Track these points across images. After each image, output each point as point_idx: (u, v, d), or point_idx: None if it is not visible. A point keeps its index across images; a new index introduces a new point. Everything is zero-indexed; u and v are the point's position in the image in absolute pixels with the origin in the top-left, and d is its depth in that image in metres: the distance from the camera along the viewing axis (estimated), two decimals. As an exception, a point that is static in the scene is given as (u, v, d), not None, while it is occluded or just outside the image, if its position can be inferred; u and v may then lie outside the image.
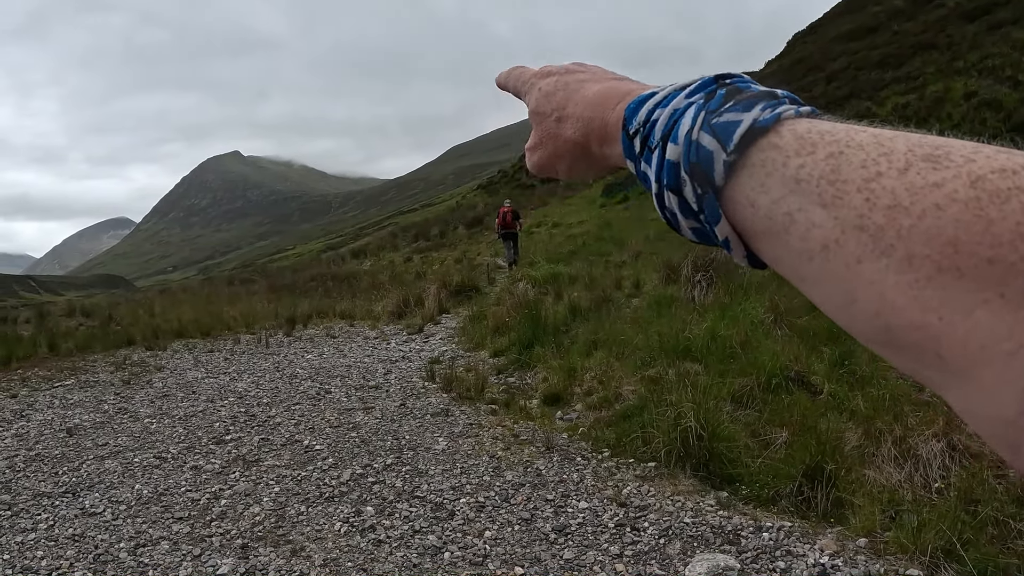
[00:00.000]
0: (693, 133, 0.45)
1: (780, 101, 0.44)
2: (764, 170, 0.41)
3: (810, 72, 39.30)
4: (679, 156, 0.46)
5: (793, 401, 5.89)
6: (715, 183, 0.44)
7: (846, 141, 0.39)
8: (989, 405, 0.33)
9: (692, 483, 4.99)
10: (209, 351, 11.84)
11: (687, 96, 0.48)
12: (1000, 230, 0.32)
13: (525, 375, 8.35)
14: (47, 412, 8.06)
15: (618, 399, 6.97)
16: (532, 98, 0.66)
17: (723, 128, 0.44)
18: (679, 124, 0.46)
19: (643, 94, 0.53)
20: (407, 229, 46.31)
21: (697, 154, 0.44)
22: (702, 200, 0.45)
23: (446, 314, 13.57)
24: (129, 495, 5.35)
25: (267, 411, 7.42)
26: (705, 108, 0.46)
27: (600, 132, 0.58)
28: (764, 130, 0.42)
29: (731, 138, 0.43)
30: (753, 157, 0.42)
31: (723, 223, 0.44)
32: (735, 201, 0.43)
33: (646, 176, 0.50)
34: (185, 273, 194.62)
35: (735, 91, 0.46)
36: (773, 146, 0.42)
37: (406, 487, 5.16)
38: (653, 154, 0.48)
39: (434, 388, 8.00)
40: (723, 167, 0.43)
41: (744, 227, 0.43)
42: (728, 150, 0.43)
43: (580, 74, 0.64)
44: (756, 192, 0.42)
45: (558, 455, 5.70)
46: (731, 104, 0.45)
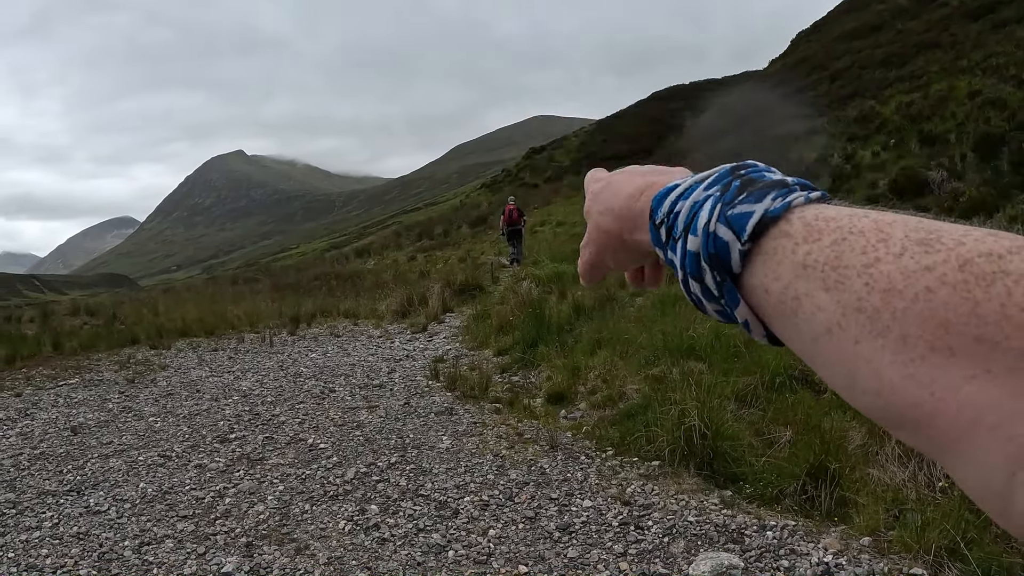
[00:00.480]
0: (710, 225, 0.47)
1: (791, 189, 0.47)
2: (775, 258, 0.44)
3: (814, 71, 39.25)
4: (699, 247, 0.48)
5: (797, 400, 5.89)
6: (733, 271, 0.46)
7: (848, 228, 0.41)
8: (978, 475, 0.35)
9: (696, 482, 4.99)
10: (213, 350, 11.86)
11: (706, 188, 0.51)
12: (985, 311, 0.34)
13: (529, 374, 8.35)
14: (51, 411, 8.08)
15: (622, 398, 6.97)
16: (586, 201, 0.69)
17: (737, 219, 0.46)
18: (698, 216, 0.49)
19: (668, 185, 0.55)
20: (411, 228, 46.33)
21: (715, 245, 0.47)
22: (721, 287, 0.47)
23: (450, 313, 13.58)
24: (133, 493, 5.36)
25: (271, 410, 7.43)
26: (721, 200, 0.48)
27: (629, 222, 0.60)
28: (775, 219, 0.45)
29: (744, 228, 0.45)
30: (766, 246, 0.45)
31: (742, 307, 0.47)
32: (751, 287, 0.46)
33: (673, 263, 0.53)
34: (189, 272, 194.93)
35: (749, 182, 0.48)
36: (784, 234, 0.44)
37: (410, 485, 5.17)
38: (677, 244, 0.51)
39: (438, 387, 8.01)
40: (739, 256, 0.46)
41: (760, 310, 0.46)
42: (742, 240, 0.45)
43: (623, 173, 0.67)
44: (769, 278, 0.44)
45: (562, 454, 5.69)
46: (744, 196, 0.47)
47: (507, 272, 18.11)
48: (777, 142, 26.13)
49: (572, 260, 15.89)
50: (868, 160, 19.32)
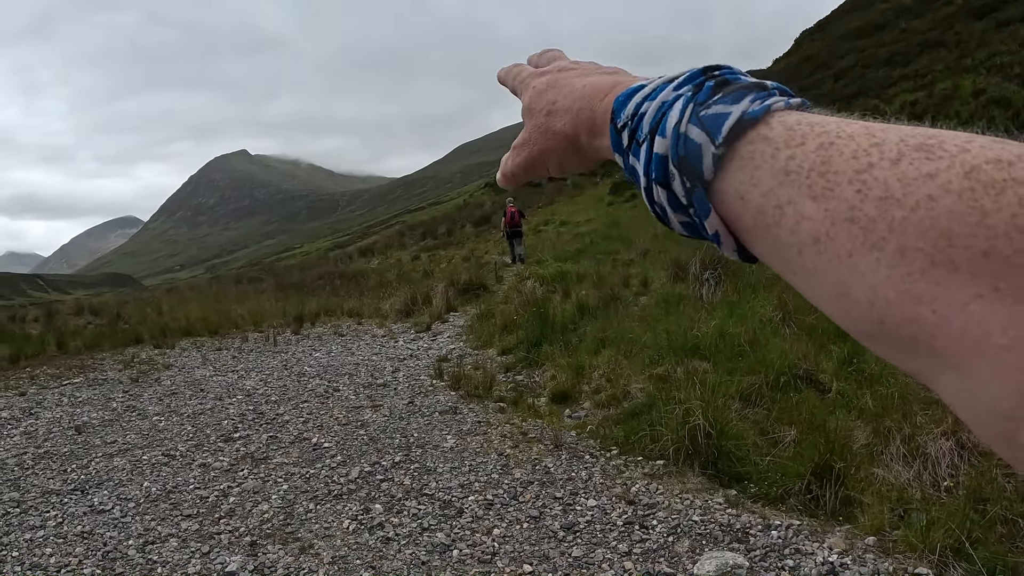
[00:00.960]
0: (681, 126, 0.44)
1: (770, 92, 0.44)
2: (753, 163, 0.41)
3: (818, 70, 39.21)
4: (667, 149, 0.45)
5: (801, 399, 5.88)
6: (704, 177, 0.43)
7: (836, 132, 0.38)
8: (983, 398, 0.32)
9: (700, 481, 4.99)
10: (217, 349, 11.87)
11: (675, 88, 0.47)
12: (995, 222, 0.32)
13: (533, 373, 8.34)
14: (56, 410, 8.09)
15: (626, 397, 6.96)
16: (524, 97, 0.65)
17: (711, 120, 0.43)
18: (667, 117, 0.46)
19: (632, 87, 0.52)
20: (415, 227, 46.35)
21: (685, 147, 0.44)
22: (691, 194, 0.44)
23: (454, 312, 13.57)
24: (138, 492, 5.36)
25: (275, 409, 7.44)
26: (693, 100, 0.45)
27: (588, 123, 0.57)
28: (753, 122, 0.42)
29: (719, 130, 0.42)
30: (742, 150, 0.41)
31: (713, 217, 0.43)
32: (724, 194, 0.42)
33: (634, 170, 0.49)
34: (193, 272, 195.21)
35: (724, 83, 0.45)
36: (762, 138, 0.41)
37: (415, 485, 5.17)
38: (641, 148, 0.48)
39: (442, 386, 8.01)
40: (712, 160, 0.42)
41: (734, 221, 0.43)
42: (716, 143, 0.42)
43: (572, 71, 0.63)
44: (745, 185, 0.41)
45: (566, 453, 5.69)
46: (719, 96, 0.44)
47: (511, 271, 18.12)
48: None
49: (576, 259, 15.93)
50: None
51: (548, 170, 0.65)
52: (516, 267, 19.11)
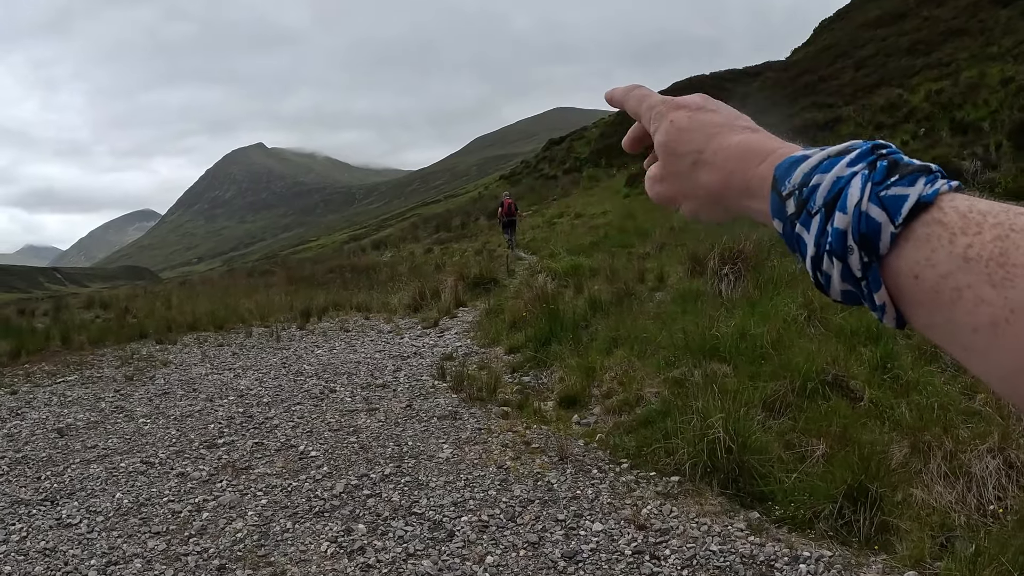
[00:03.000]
0: (862, 204, 0.46)
1: (935, 175, 0.46)
2: (929, 245, 0.44)
3: (838, 59, 38.49)
4: (848, 225, 0.47)
5: (831, 409, 5.43)
6: (880, 253, 0.46)
7: (1009, 224, 0.42)
8: None
9: (720, 502, 4.56)
10: (219, 345, 11.50)
11: (849, 164, 0.49)
12: None
13: (541, 374, 7.91)
14: (43, 410, 7.73)
15: (639, 402, 6.54)
16: (662, 130, 0.65)
17: (891, 201, 0.45)
18: (846, 193, 0.47)
19: (794, 155, 0.54)
20: (428, 220, 45.99)
21: (867, 224, 0.46)
22: (867, 269, 0.46)
23: (463, 307, 13.15)
24: (108, 505, 4.97)
25: (266, 412, 7.03)
26: (871, 179, 0.47)
27: (741, 185, 0.58)
28: (927, 205, 0.44)
29: (899, 211, 0.45)
30: (918, 231, 0.44)
31: (883, 291, 0.46)
32: (897, 271, 0.45)
33: (800, 238, 0.51)
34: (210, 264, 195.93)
35: (896, 164, 0.47)
36: (937, 222, 0.44)
37: (403, 502, 4.74)
38: (813, 219, 0.49)
39: (444, 388, 7.58)
40: (889, 238, 0.45)
41: (902, 295, 0.46)
42: (896, 223, 0.45)
43: (713, 114, 0.63)
44: (922, 265, 0.44)
45: (572, 466, 5.26)
46: (896, 179, 0.46)
47: (523, 265, 17.70)
48: (798, 131, 25.53)
49: (589, 253, 15.46)
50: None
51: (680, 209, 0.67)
52: (513, 252, 20.63)
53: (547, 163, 57.16)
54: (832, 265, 0.48)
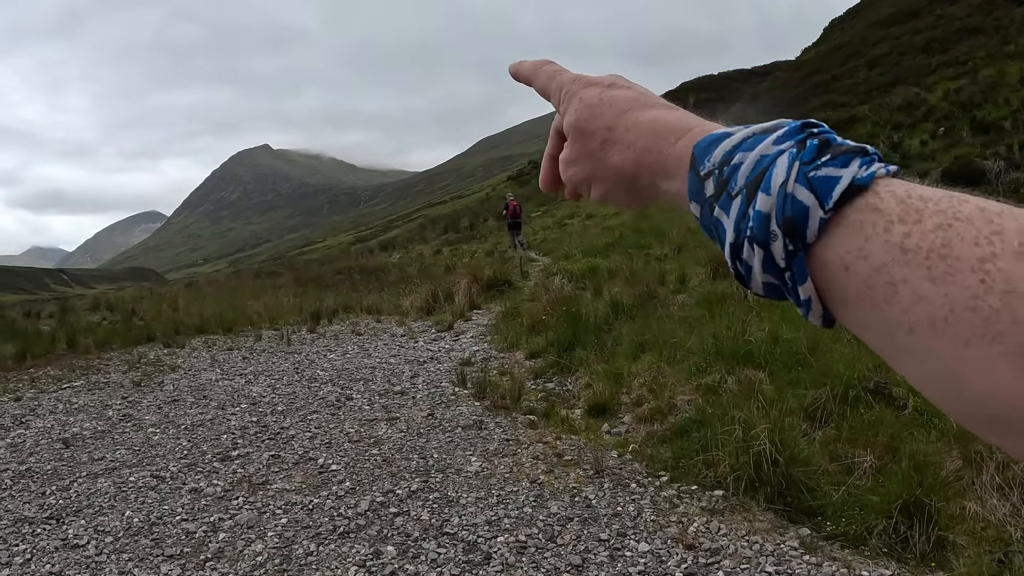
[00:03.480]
0: (788, 185, 0.42)
1: (871, 158, 0.42)
2: (863, 233, 0.40)
3: (851, 58, 38.16)
4: (771, 208, 0.42)
5: (876, 417, 5.15)
6: (806, 240, 0.41)
7: (953, 213, 0.38)
8: None
9: (769, 518, 4.26)
10: (228, 349, 11.21)
11: (776, 142, 0.45)
12: None
13: (566, 380, 7.59)
14: (48, 418, 7.44)
15: (672, 410, 6.25)
16: (572, 109, 0.60)
17: (821, 183, 0.41)
18: (771, 173, 0.43)
19: (715, 132, 0.49)
20: (436, 221, 45.68)
21: (792, 208, 0.41)
22: (792, 257, 0.42)
23: (477, 310, 12.84)
24: (117, 524, 4.66)
25: (281, 421, 6.72)
26: (799, 158, 0.43)
27: (656, 165, 0.54)
28: (862, 189, 0.40)
29: (830, 195, 0.41)
30: (850, 217, 0.40)
31: (809, 283, 0.42)
32: (825, 261, 0.41)
33: (718, 222, 0.47)
34: (216, 266, 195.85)
35: (827, 143, 0.43)
36: (872, 208, 0.40)
37: (434, 520, 4.43)
38: (733, 201, 0.45)
39: (465, 395, 7.27)
40: (818, 224, 0.41)
41: (831, 289, 0.41)
42: (826, 207, 0.40)
43: (625, 91, 0.59)
44: (853, 256, 0.40)
45: (609, 480, 4.95)
46: (827, 158, 0.42)
47: (536, 266, 17.38)
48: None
49: (606, 254, 15.14)
50: (917, 149, 18.35)
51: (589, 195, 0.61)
52: (520, 252, 20.71)
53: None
54: (753, 253, 0.43)
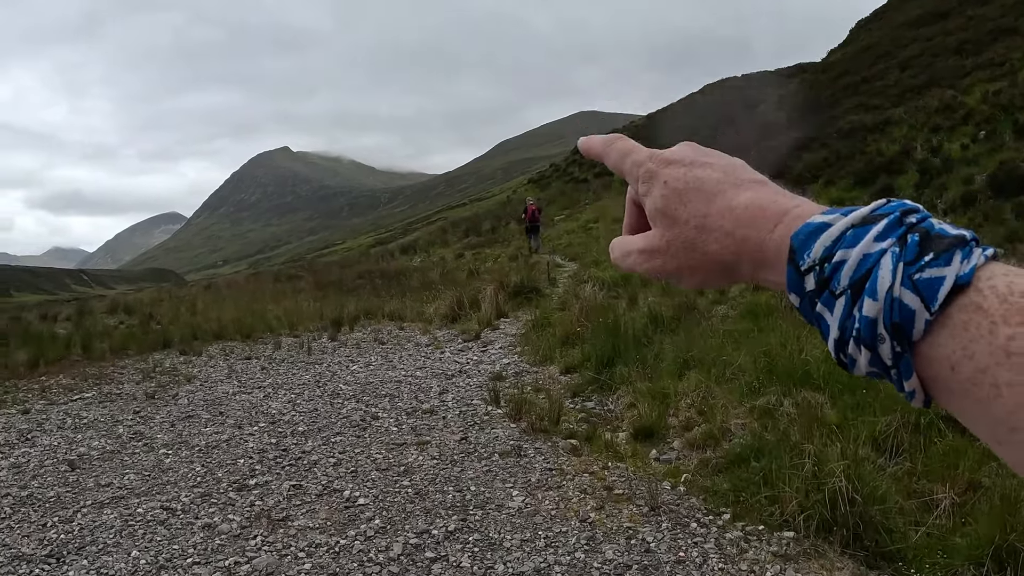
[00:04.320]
0: (895, 289, 0.42)
1: (970, 246, 0.42)
2: (967, 334, 0.40)
3: (880, 59, 37.39)
4: (879, 313, 0.42)
5: (952, 448, 4.64)
6: (912, 339, 0.41)
7: None
8: None
9: (848, 565, 3.77)
10: (246, 358, 10.75)
11: (877, 239, 0.44)
12: None
13: (606, 399, 7.08)
14: (55, 435, 6.99)
15: (725, 435, 5.73)
16: (657, 194, 0.57)
17: (926, 285, 0.41)
18: (876, 276, 0.42)
19: (813, 222, 0.47)
20: (457, 224, 45.21)
21: (900, 313, 0.41)
22: (899, 359, 0.42)
23: (504, 318, 12.33)
24: (123, 566, 4.18)
25: (302, 444, 6.21)
26: (903, 258, 0.42)
27: (755, 254, 0.51)
28: (964, 287, 0.40)
29: (935, 297, 0.41)
30: (955, 317, 0.40)
31: (914, 378, 0.42)
32: (931, 360, 0.41)
33: (820, 317, 0.46)
34: (235, 267, 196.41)
35: (928, 237, 0.43)
36: (976, 307, 0.40)
37: (476, 568, 3.91)
38: (836, 300, 0.45)
39: (499, 415, 6.75)
40: (924, 325, 0.41)
41: (935, 382, 0.42)
42: (932, 309, 0.40)
43: (708, 168, 0.56)
44: (958, 356, 0.40)
45: (667, 519, 4.43)
46: (931, 258, 0.42)
47: (564, 272, 16.87)
48: (846, 134, 24.57)
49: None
50: (958, 153, 17.68)
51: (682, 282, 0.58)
52: (535, 255, 21.44)
53: (577, 166, 56.24)
54: (860, 352, 0.43)
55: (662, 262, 0.57)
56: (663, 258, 0.57)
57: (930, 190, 16.01)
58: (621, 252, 0.62)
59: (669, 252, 0.56)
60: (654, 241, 0.58)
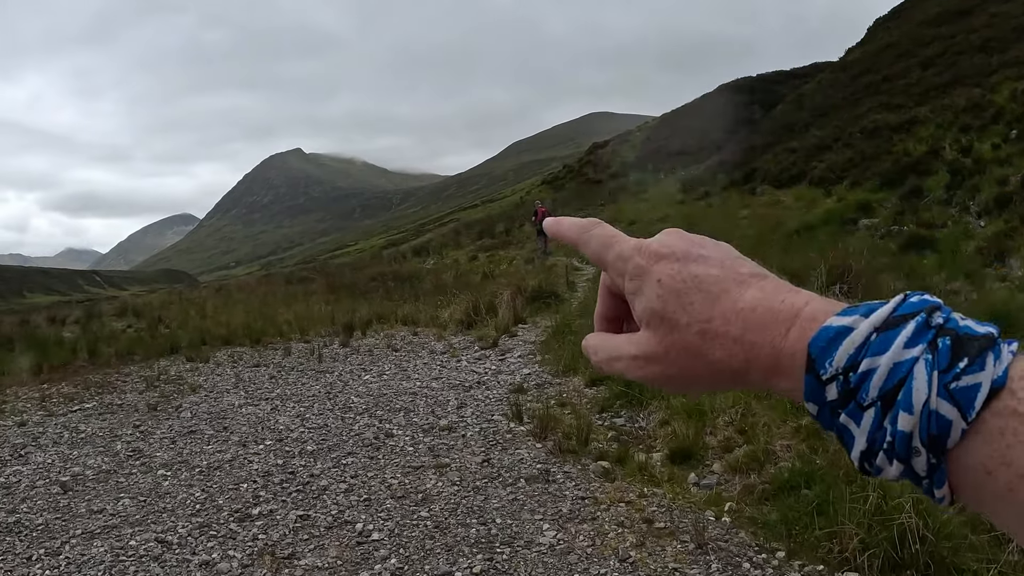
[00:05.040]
0: (932, 402, 0.39)
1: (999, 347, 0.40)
2: (1004, 440, 0.38)
3: (901, 58, 36.77)
4: (914, 427, 0.40)
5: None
6: (946, 448, 0.40)
7: None
8: None
9: (926, 614, 3.30)
10: (255, 365, 10.32)
11: (906, 346, 0.41)
12: None
13: (637, 414, 6.60)
14: (50, 450, 6.57)
15: (770, 458, 5.27)
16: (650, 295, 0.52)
17: (963, 394, 0.39)
18: (910, 387, 0.40)
19: (832, 326, 0.44)
20: (470, 226, 44.78)
21: (937, 425, 0.39)
22: (935, 470, 0.40)
23: (522, 324, 11.87)
24: (109, 611, 3.74)
25: (310, 466, 5.74)
26: (936, 367, 0.40)
27: (768, 362, 0.47)
28: (999, 390, 0.39)
29: (972, 406, 0.39)
30: (991, 423, 0.39)
31: (946, 487, 0.40)
32: (965, 466, 0.40)
33: (844, 428, 0.43)
34: (248, 268, 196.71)
35: (959, 340, 0.40)
36: (1013, 412, 0.38)
37: (507, 622, 3.45)
38: (864, 412, 0.42)
39: (523, 433, 6.28)
40: (959, 434, 0.39)
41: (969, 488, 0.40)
42: (969, 419, 0.39)
43: (704, 264, 0.51)
44: (995, 462, 0.39)
45: (716, 558, 3.97)
46: (965, 364, 0.39)
47: (582, 276, 16.41)
48: (871, 134, 24.02)
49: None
50: (989, 153, 17.11)
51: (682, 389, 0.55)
52: (548, 259, 21.12)
53: (591, 167, 55.79)
54: (890, 465, 0.41)
55: (660, 369, 0.52)
56: (661, 366, 0.52)
57: (962, 191, 15.47)
58: (607, 356, 0.56)
59: (668, 359, 0.51)
60: (649, 346, 0.52)
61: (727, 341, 0.48)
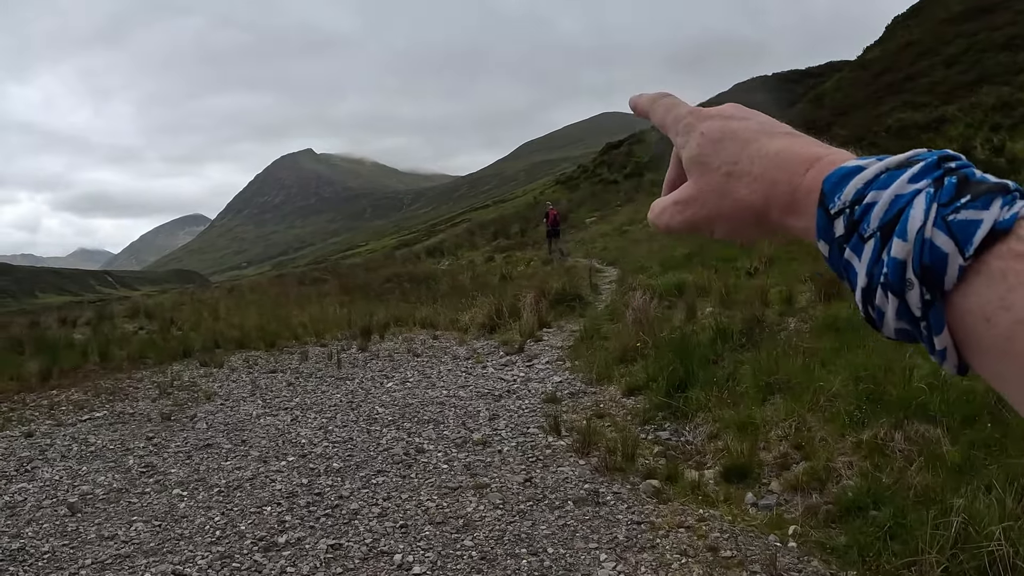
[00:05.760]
0: (926, 230, 0.39)
1: (1014, 195, 0.39)
2: (1006, 283, 0.37)
3: (922, 56, 36.22)
4: (908, 255, 0.39)
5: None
6: (944, 288, 0.38)
7: None
8: None
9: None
10: (271, 371, 9.94)
11: (911, 180, 0.41)
12: None
13: (682, 427, 6.18)
14: (58, 465, 6.19)
15: (831, 476, 4.87)
16: (693, 143, 0.55)
17: (961, 227, 0.38)
18: (907, 216, 0.40)
19: (846, 165, 0.45)
20: (484, 226, 44.34)
21: (931, 255, 0.39)
22: (928, 307, 0.39)
23: (547, 328, 11.44)
24: (121, 658, 3.34)
25: (338, 486, 5.32)
26: (937, 200, 0.39)
27: (786, 199, 0.48)
28: (1004, 233, 0.37)
29: (971, 241, 0.38)
30: (992, 265, 0.37)
31: (945, 334, 0.39)
32: (964, 311, 0.38)
33: (849, 265, 0.43)
34: (259, 268, 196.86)
35: (966, 181, 0.40)
36: (1016, 254, 0.37)
37: None
38: (865, 244, 0.42)
39: (563, 447, 5.87)
40: (957, 272, 0.38)
41: (969, 339, 0.39)
42: (966, 254, 0.38)
43: (746, 121, 0.54)
44: (994, 307, 0.37)
45: (795, 595, 3.54)
46: (967, 200, 0.39)
47: (605, 278, 15.96)
48: (897, 133, 23.51)
49: (687, 267, 13.65)
50: (1023, 152, 16.63)
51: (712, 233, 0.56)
52: (566, 261, 20.82)
53: (606, 167, 55.26)
54: (887, 301, 0.41)
55: (693, 211, 0.54)
56: (694, 208, 0.54)
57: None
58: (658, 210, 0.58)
59: (700, 201, 0.54)
60: (687, 191, 0.55)
61: (750, 179, 0.49)
